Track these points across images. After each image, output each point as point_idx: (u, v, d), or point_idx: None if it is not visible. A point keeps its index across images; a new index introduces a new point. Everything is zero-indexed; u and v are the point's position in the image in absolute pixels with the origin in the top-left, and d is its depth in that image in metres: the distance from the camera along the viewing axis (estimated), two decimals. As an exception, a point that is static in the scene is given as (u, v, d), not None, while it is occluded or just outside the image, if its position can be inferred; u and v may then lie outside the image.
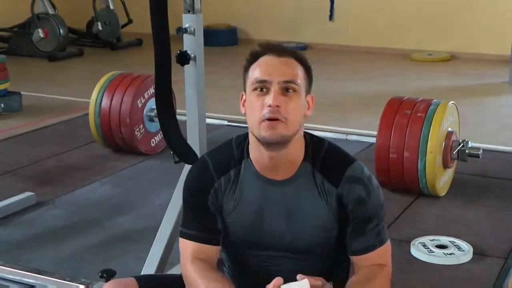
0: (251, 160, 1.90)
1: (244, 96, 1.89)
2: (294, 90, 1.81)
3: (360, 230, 1.89)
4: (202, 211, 1.93)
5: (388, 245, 1.95)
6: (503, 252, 3.40)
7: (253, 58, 1.86)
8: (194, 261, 1.91)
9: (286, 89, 1.80)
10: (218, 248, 1.96)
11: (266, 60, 1.83)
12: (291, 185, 1.88)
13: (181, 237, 1.97)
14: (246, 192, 1.91)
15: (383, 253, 1.93)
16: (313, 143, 1.92)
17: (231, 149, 1.94)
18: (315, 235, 1.90)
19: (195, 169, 2.01)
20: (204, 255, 1.92)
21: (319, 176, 1.88)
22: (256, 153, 1.88)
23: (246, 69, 1.87)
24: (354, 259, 1.93)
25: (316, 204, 1.88)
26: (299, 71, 1.85)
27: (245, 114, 1.87)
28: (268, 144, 1.82)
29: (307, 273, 1.92)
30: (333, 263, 1.99)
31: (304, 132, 1.93)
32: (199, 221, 1.94)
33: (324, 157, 1.90)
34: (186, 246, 1.95)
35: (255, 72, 1.83)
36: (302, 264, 1.94)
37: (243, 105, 1.89)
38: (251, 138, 1.89)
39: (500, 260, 3.32)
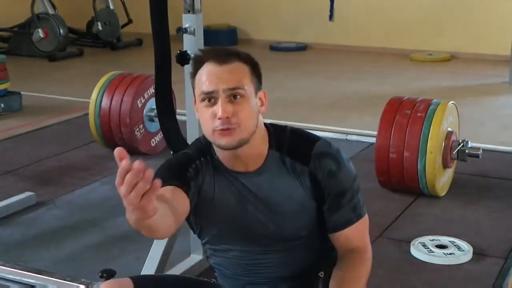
0: (218, 158, 1.91)
1: (196, 102, 1.88)
2: (242, 96, 1.80)
3: (336, 204, 1.90)
4: (179, 175, 1.86)
5: (365, 220, 1.95)
6: (503, 252, 3.40)
7: (197, 64, 1.85)
8: None
9: (234, 96, 1.79)
10: (186, 199, 1.83)
11: (208, 69, 1.81)
12: (262, 174, 1.89)
13: None
14: (223, 187, 1.91)
15: (361, 228, 1.94)
16: (275, 131, 1.93)
17: (202, 145, 1.95)
18: (297, 218, 1.91)
19: (173, 157, 2.01)
20: (167, 194, 1.77)
21: (288, 160, 1.90)
22: (220, 153, 1.90)
23: (192, 75, 1.86)
24: (334, 238, 1.93)
25: (291, 187, 1.89)
26: (245, 73, 1.83)
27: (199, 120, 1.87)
28: (227, 149, 1.84)
29: (297, 264, 1.95)
30: (321, 252, 1.99)
31: (266, 123, 1.94)
32: (173, 176, 1.85)
33: (289, 141, 1.92)
34: None
35: (200, 84, 1.82)
36: (290, 255, 1.95)
37: (197, 111, 1.88)
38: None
39: (500, 260, 3.32)
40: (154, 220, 1.58)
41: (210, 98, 1.80)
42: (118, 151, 1.48)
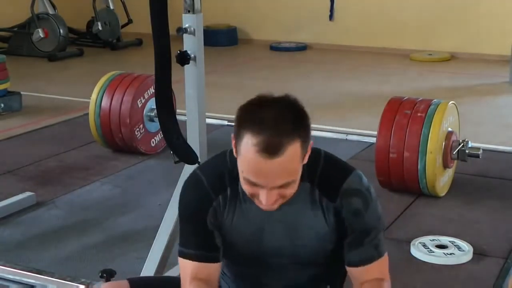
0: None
1: (234, 141, 1.72)
2: (290, 183, 1.72)
3: (358, 242, 1.86)
4: (201, 230, 1.88)
5: (386, 257, 1.92)
6: (503, 252, 3.40)
7: (239, 131, 1.69)
8: (192, 282, 1.86)
9: (281, 186, 1.72)
10: (218, 265, 1.90)
11: (254, 161, 1.65)
12: (290, 204, 1.83)
13: (180, 256, 1.91)
14: (246, 211, 1.86)
15: (381, 265, 1.90)
16: (309, 161, 1.82)
17: (226, 165, 1.87)
18: (315, 250, 1.88)
19: (190, 188, 1.91)
20: (203, 275, 1.87)
21: (318, 193, 1.84)
22: None
23: (236, 134, 1.71)
24: (352, 271, 1.90)
25: (316, 220, 1.85)
26: (296, 157, 1.69)
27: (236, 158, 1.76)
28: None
29: (306, 279, 1.94)
30: (333, 271, 1.98)
31: None
32: (198, 240, 1.88)
33: (321, 173, 1.85)
34: (186, 266, 1.90)
35: (244, 166, 1.69)
36: (303, 271, 1.93)
37: (235, 151, 1.73)
38: None
39: (500, 260, 3.32)
40: None
41: (254, 184, 1.71)
42: None
